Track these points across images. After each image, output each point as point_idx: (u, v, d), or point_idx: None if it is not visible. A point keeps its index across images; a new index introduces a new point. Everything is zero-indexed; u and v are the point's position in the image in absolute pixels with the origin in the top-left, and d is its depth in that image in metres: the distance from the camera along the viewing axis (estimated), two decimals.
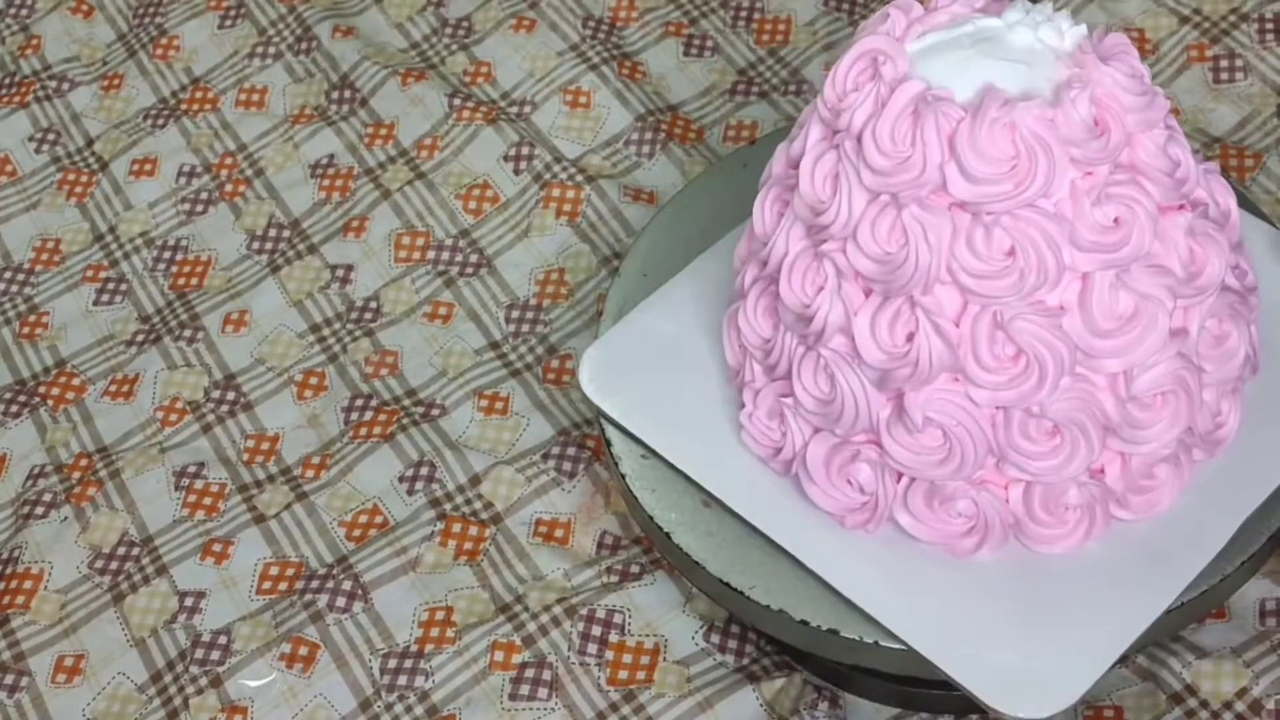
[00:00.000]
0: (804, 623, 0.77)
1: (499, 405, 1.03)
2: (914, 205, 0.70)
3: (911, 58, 0.72)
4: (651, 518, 0.82)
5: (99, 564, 0.99)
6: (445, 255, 1.11)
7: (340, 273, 1.11)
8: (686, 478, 0.81)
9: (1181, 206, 0.73)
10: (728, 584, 0.79)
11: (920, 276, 0.70)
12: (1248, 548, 0.76)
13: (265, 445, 1.04)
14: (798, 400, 0.77)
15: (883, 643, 0.76)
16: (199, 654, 0.94)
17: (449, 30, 1.23)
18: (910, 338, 0.72)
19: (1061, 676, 0.72)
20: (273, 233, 1.15)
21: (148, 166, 1.20)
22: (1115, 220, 0.71)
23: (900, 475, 0.76)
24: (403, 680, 0.91)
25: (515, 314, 1.07)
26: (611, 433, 0.85)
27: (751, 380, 0.81)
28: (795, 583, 0.78)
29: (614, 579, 0.93)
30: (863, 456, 0.76)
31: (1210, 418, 0.76)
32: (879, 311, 0.72)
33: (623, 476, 0.83)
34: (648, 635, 0.91)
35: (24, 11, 1.31)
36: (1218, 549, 0.75)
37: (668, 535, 0.81)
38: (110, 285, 1.14)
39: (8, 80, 1.27)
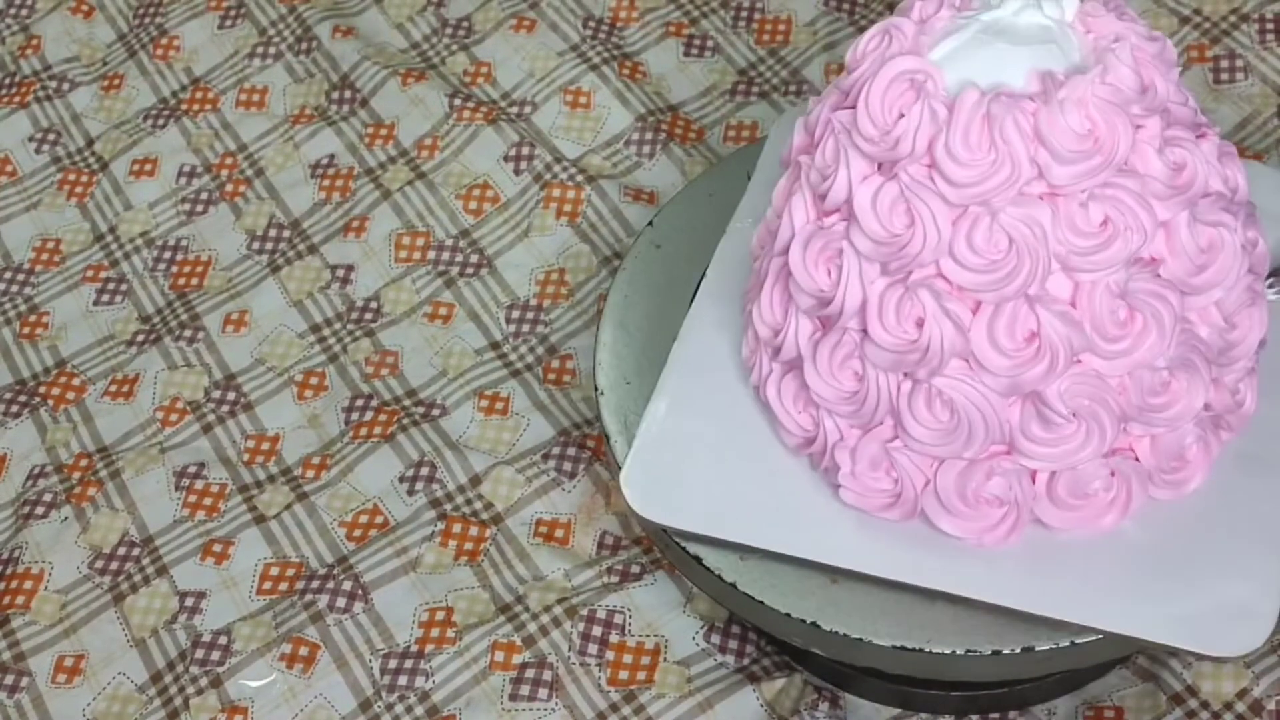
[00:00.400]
0: (806, 622, 0.77)
1: (499, 405, 1.03)
2: (1009, 207, 0.70)
3: (940, 66, 0.72)
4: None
5: (99, 564, 0.99)
6: (446, 255, 1.11)
7: (341, 273, 1.11)
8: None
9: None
10: (727, 583, 0.79)
11: (1036, 272, 0.70)
12: None
13: (265, 445, 1.04)
14: (908, 436, 0.74)
15: (878, 641, 0.75)
16: (199, 654, 0.94)
17: (449, 30, 1.23)
18: (1029, 338, 0.72)
19: (1247, 609, 0.73)
20: (273, 233, 1.15)
21: (148, 167, 1.20)
22: (1177, 165, 0.72)
23: (1034, 475, 0.75)
24: (403, 680, 0.91)
25: (516, 314, 1.07)
26: (612, 430, 0.85)
27: (830, 435, 0.77)
28: (797, 581, 0.78)
29: (614, 579, 0.93)
30: (996, 470, 0.74)
31: (1230, 396, 0.76)
32: (994, 317, 0.72)
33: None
34: (648, 635, 0.91)
35: (24, 11, 1.31)
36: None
37: (667, 534, 0.81)
38: (110, 285, 1.14)
39: (8, 80, 1.27)
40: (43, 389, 1.09)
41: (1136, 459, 0.75)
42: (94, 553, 1.00)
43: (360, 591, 0.95)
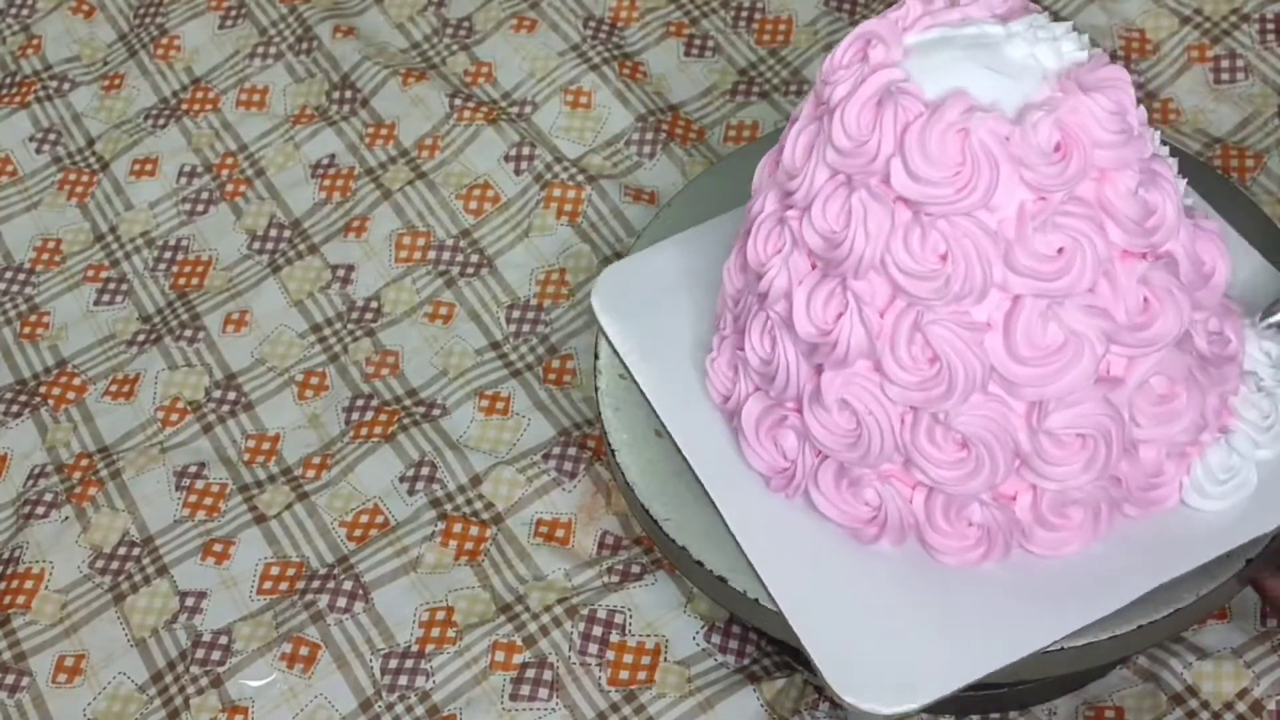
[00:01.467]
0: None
1: (500, 405, 1.03)
2: (863, 190, 0.70)
3: (907, 48, 0.72)
4: (652, 517, 0.82)
5: (100, 564, 0.99)
6: (446, 255, 1.11)
7: (341, 273, 1.11)
8: (689, 470, 0.82)
9: (1145, 255, 0.72)
10: (728, 583, 0.79)
11: (854, 261, 0.71)
12: (1249, 551, 0.76)
13: (266, 445, 1.04)
14: (746, 355, 0.78)
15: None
16: (200, 654, 0.94)
17: (450, 30, 1.23)
18: (838, 318, 0.72)
19: (911, 682, 0.72)
20: (273, 233, 1.15)
21: (148, 166, 1.20)
22: (1059, 250, 0.70)
23: (820, 450, 0.76)
24: (403, 680, 0.91)
25: (516, 314, 1.07)
26: (612, 430, 0.85)
27: (723, 329, 0.81)
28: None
29: (615, 579, 0.93)
30: (789, 423, 0.77)
31: (1144, 475, 0.74)
32: (817, 287, 0.73)
33: (623, 476, 0.83)
34: (649, 635, 0.91)
35: (25, 11, 1.31)
36: (1116, 607, 0.73)
37: (668, 534, 0.81)
38: (111, 285, 1.14)
39: (8, 80, 1.27)
40: (43, 389, 1.09)
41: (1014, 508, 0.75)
42: (94, 552, 1.00)
43: (361, 591, 0.95)
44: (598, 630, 0.91)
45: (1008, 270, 0.69)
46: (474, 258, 1.10)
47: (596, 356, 0.88)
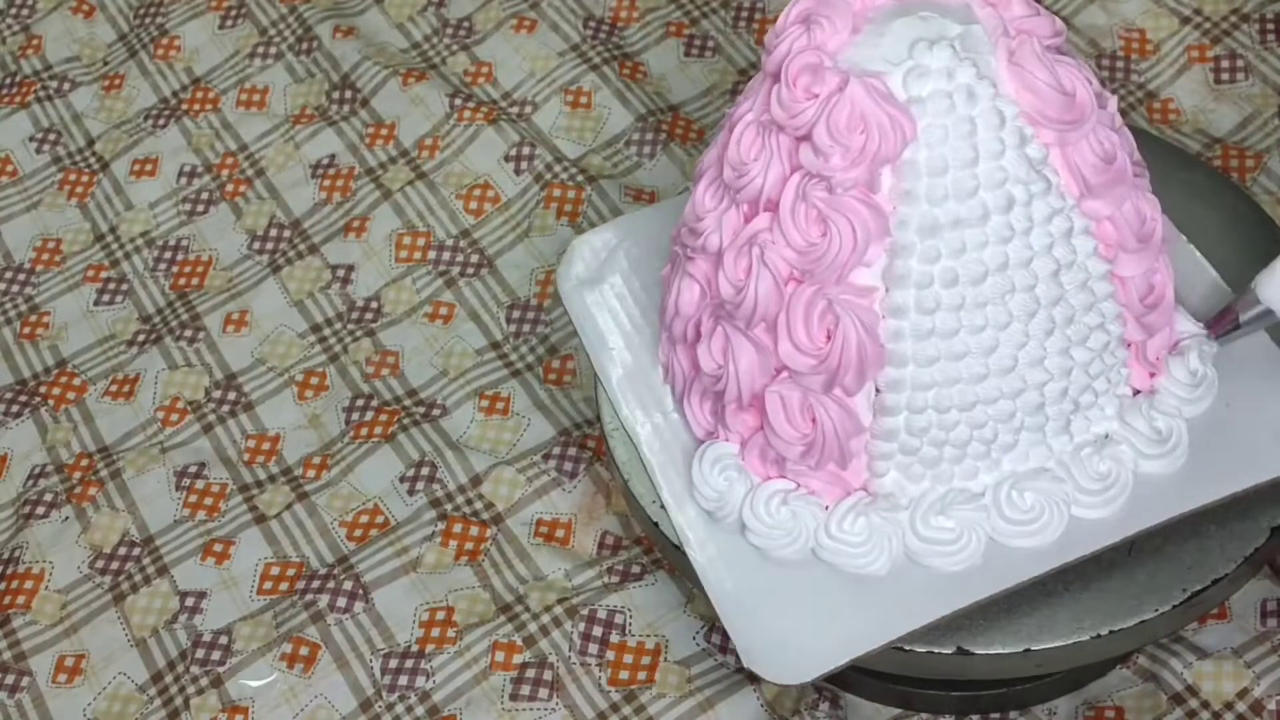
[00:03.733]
0: None
1: (500, 405, 1.03)
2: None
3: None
4: (652, 518, 0.82)
5: (100, 564, 0.99)
6: (446, 255, 1.11)
7: (341, 273, 1.11)
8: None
9: None
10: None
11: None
12: (1247, 547, 0.76)
13: (266, 445, 1.04)
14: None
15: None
16: (200, 654, 0.94)
17: (450, 30, 1.23)
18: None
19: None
20: (274, 233, 1.15)
21: (149, 166, 1.20)
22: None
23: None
24: (404, 680, 0.91)
25: (516, 314, 1.07)
26: (611, 428, 0.85)
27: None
28: None
29: (615, 579, 0.94)
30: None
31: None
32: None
33: (624, 476, 0.83)
34: (649, 635, 0.91)
35: (25, 11, 1.31)
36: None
37: (667, 535, 0.81)
38: (111, 285, 1.14)
39: (8, 80, 1.27)
40: (43, 389, 1.09)
41: None
42: (94, 552, 1.00)
43: (361, 591, 0.95)
44: (598, 630, 0.91)
45: None
46: (474, 258, 1.10)
47: (609, 441, 0.86)
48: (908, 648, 0.75)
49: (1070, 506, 0.75)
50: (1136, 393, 0.77)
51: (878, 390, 0.73)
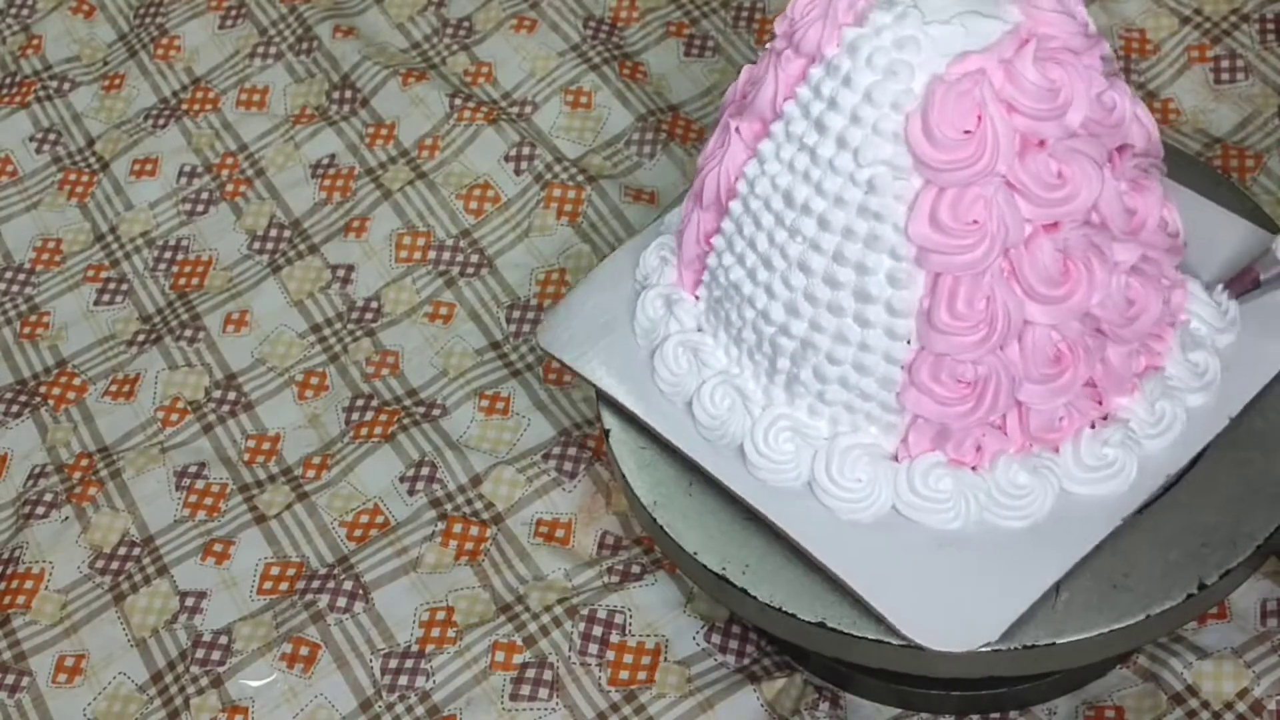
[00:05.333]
0: (794, 616, 0.77)
1: (500, 405, 1.03)
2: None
3: None
4: (652, 517, 0.82)
5: (100, 564, 0.99)
6: (446, 255, 1.11)
7: (341, 273, 1.11)
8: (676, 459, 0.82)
9: None
10: (728, 582, 0.79)
11: None
12: (1246, 547, 0.76)
13: (266, 445, 1.04)
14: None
15: (872, 637, 0.76)
16: (200, 654, 0.94)
17: (450, 30, 1.23)
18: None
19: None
20: (274, 233, 1.15)
21: (149, 166, 1.20)
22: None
23: None
24: (403, 680, 0.91)
25: (516, 314, 1.07)
26: (611, 427, 0.85)
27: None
28: (793, 578, 0.78)
29: (615, 579, 0.93)
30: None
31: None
32: None
33: (624, 475, 0.83)
34: (649, 635, 0.91)
35: (25, 11, 1.31)
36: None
37: (668, 534, 0.81)
38: (111, 285, 1.14)
39: (9, 80, 1.27)
40: (43, 389, 1.09)
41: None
42: (94, 552, 1.00)
43: (361, 591, 0.95)
44: (598, 630, 0.91)
45: None
46: (474, 258, 1.10)
47: (609, 439, 0.86)
48: (908, 646, 0.75)
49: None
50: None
51: None
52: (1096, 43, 0.74)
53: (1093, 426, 0.77)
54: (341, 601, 0.95)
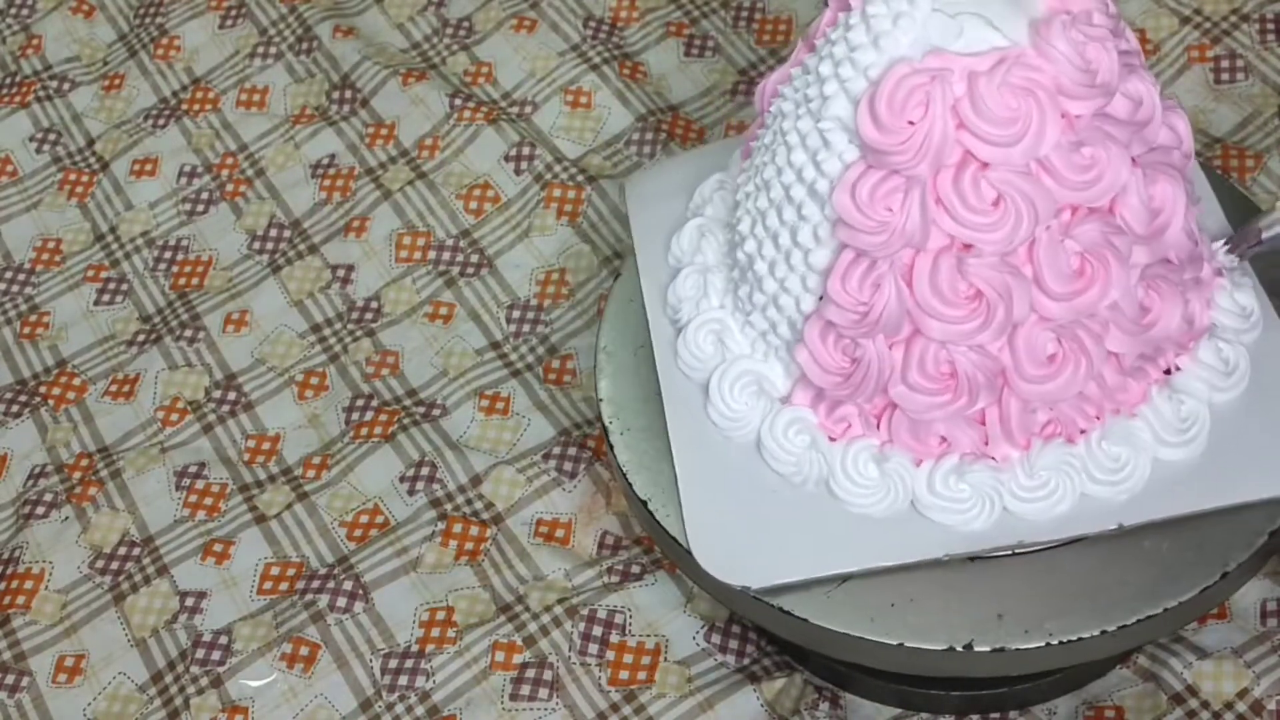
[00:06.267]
0: (792, 614, 0.77)
1: (500, 405, 1.03)
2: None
3: None
4: (653, 516, 0.82)
5: (100, 564, 0.99)
6: (446, 255, 1.11)
7: (341, 273, 1.11)
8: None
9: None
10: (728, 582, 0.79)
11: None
12: (1248, 547, 0.76)
13: (266, 445, 1.04)
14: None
15: (868, 637, 0.76)
16: (200, 654, 0.94)
17: (450, 30, 1.23)
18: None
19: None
20: (274, 233, 1.15)
21: (149, 166, 1.20)
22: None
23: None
24: (403, 680, 0.91)
25: (516, 314, 1.07)
26: (612, 427, 0.85)
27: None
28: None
29: (615, 579, 0.94)
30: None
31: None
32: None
33: (623, 475, 0.83)
34: (649, 635, 0.91)
35: (25, 11, 1.31)
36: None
37: (669, 533, 0.81)
38: (111, 285, 1.14)
39: (8, 80, 1.27)
40: (43, 389, 1.09)
41: None
42: (94, 552, 1.00)
43: (361, 591, 0.95)
44: (598, 630, 0.91)
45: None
46: (474, 258, 1.10)
47: (609, 438, 0.86)
48: (909, 645, 0.75)
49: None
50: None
51: None
52: (1124, 32, 0.76)
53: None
54: (341, 601, 0.95)
